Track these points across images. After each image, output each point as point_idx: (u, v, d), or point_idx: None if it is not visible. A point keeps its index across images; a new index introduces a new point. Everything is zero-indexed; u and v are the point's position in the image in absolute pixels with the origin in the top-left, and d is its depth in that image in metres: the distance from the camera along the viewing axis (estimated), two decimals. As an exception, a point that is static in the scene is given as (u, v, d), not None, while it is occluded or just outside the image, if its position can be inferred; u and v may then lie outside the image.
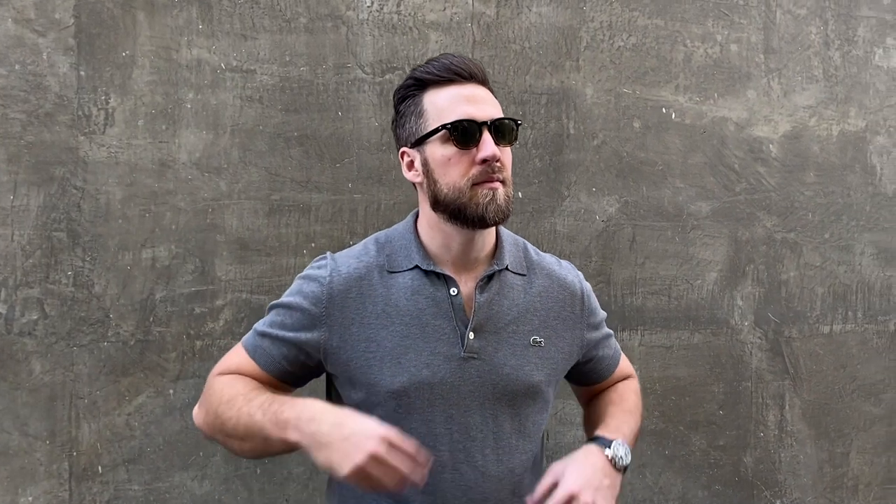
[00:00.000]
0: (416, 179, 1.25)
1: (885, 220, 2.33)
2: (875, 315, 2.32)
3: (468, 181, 1.17)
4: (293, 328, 1.22)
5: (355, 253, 1.27)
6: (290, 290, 1.26)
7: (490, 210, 1.17)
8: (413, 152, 1.24)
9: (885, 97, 2.35)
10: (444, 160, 1.18)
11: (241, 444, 1.14)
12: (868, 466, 2.29)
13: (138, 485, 1.75)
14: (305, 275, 1.25)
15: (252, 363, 1.23)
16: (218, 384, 1.21)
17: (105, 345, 1.74)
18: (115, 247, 1.76)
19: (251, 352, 1.23)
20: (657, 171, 2.14)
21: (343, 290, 1.21)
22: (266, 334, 1.23)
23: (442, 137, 1.18)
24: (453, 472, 1.19)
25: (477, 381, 1.20)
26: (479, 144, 1.17)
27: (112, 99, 1.76)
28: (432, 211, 1.23)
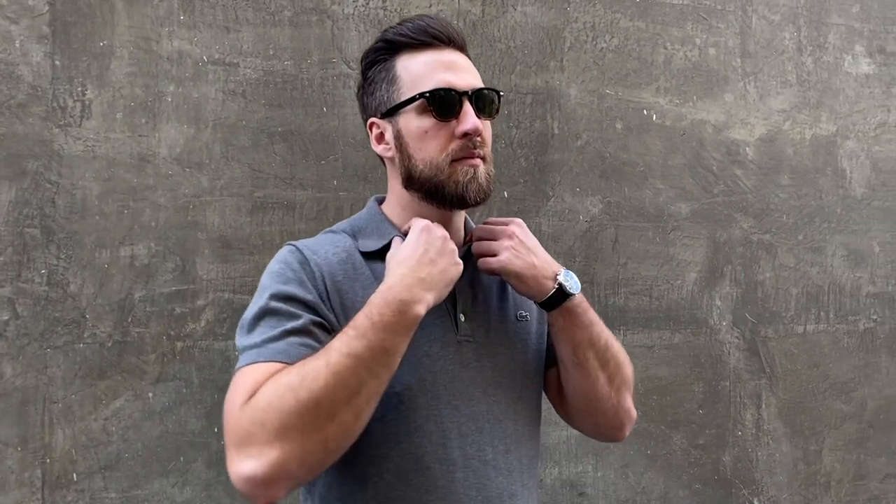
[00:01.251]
0: (386, 154, 1.13)
1: (854, 222, 2.39)
2: (846, 315, 2.37)
3: (447, 157, 1.06)
4: (300, 316, 1.01)
5: (326, 240, 1.12)
6: (267, 288, 1.03)
7: (471, 189, 1.07)
8: (383, 123, 1.12)
9: (854, 103, 2.41)
10: (420, 133, 1.07)
11: (355, 400, 0.91)
12: (840, 463, 2.34)
13: (115, 492, 1.67)
14: (281, 264, 1.06)
15: (283, 367, 0.95)
16: (264, 397, 0.90)
17: (80, 346, 1.67)
18: (92, 244, 1.68)
19: (278, 356, 0.96)
20: (638, 173, 2.16)
21: (330, 274, 1.06)
22: (273, 338, 0.98)
23: (418, 108, 1.07)
24: (465, 469, 1.07)
25: (476, 365, 1.10)
26: (460, 116, 1.06)
27: (89, 90, 1.69)
28: (404, 189, 1.12)
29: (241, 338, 1.01)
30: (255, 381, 0.93)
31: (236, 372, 0.97)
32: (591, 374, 1.13)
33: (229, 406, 0.93)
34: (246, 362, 0.97)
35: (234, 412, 0.92)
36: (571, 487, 2.05)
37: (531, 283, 1.09)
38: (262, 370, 0.95)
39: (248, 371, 0.96)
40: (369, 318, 0.94)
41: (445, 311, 1.09)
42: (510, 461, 1.11)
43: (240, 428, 0.90)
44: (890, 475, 2.40)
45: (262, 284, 1.06)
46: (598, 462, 2.07)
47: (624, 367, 1.19)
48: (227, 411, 0.93)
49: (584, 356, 1.12)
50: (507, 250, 1.09)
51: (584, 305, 1.12)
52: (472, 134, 1.06)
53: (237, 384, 0.95)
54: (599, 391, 1.15)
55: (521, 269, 1.08)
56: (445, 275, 1.01)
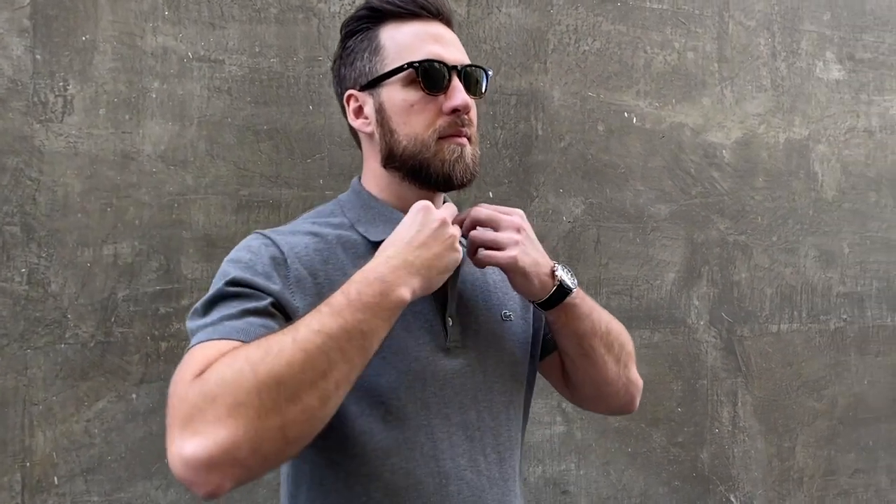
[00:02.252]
0: (365, 129, 1.05)
1: (825, 224, 2.45)
2: (817, 315, 2.43)
3: (433, 133, 1.00)
4: (262, 297, 0.91)
5: (303, 230, 1.02)
6: (224, 275, 0.92)
7: (458, 169, 1.00)
8: (363, 96, 1.04)
9: (825, 108, 2.47)
10: (406, 106, 1.01)
11: (323, 383, 0.81)
12: (812, 459, 2.39)
13: (98, 496, 1.64)
14: (242, 251, 0.96)
15: (235, 345, 0.84)
16: (218, 370, 0.79)
17: (62, 347, 1.63)
18: (74, 242, 1.65)
19: (235, 334, 0.85)
20: (619, 174, 2.18)
21: (301, 269, 0.96)
22: (230, 316, 0.88)
23: (404, 79, 1.01)
24: (458, 482, 1.00)
25: (466, 371, 1.02)
26: (448, 91, 1.00)
27: (71, 85, 1.66)
28: (382, 168, 1.04)
29: (194, 321, 0.91)
30: (207, 358, 0.82)
31: (186, 352, 0.85)
32: (599, 360, 1.10)
33: (176, 382, 0.81)
34: (198, 340, 0.86)
35: (180, 387, 0.79)
36: (555, 486, 2.06)
37: (534, 280, 1.02)
38: (217, 347, 0.83)
39: (200, 348, 0.84)
40: (346, 295, 0.85)
41: (433, 313, 1.02)
42: (504, 470, 1.06)
43: (186, 403, 0.77)
44: (859, 470, 2.46)
45: (220, 271, 0.96)
46: (580, 460, 2.09)
47: (627, 343, 1.16)
48: (173, 387, 0.81)
49: (589, 346, 1.09)
50: (518, 245, 1.01)
51: (581, 295, 1.08)
52: (461, 110, 1.00)
53: (186, 361, 0.83)
54: (609, 375, 1.12)
55: (528, 267, 1.01)
56: (439, 261, 0.93)
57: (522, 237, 1.02)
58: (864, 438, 2.47)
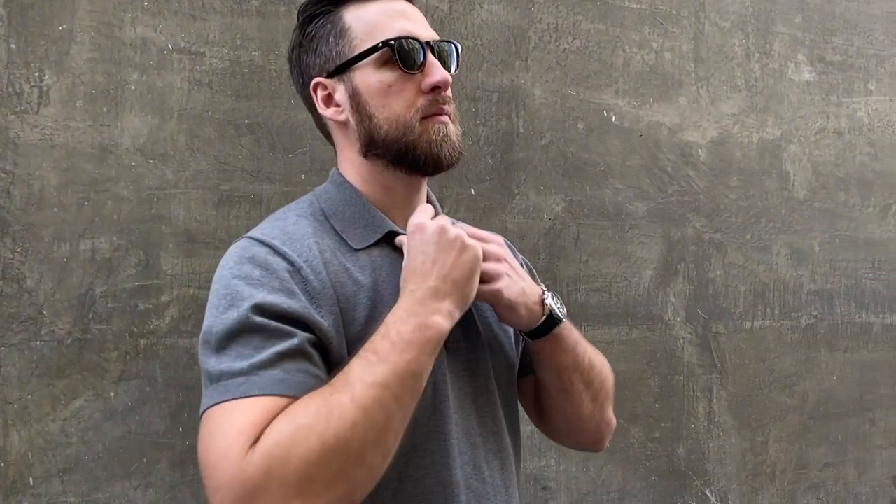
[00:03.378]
0: (337, 117, 0.99)
1: (797, 223, 2.50)
2: (789, 312, 2.48)
3: (416, 113, 0.95)
4: (293, 334, 0.84)
5: (299, 233, 0.94)
6: (244, 298, 0.85)
7: (445, 148, 0.96)
8: (332, 83, 0.98)
9: (797, 108, 2.52)
10: (383, 88, 0.95)
11: (385, 437, 0.79)
12: (784, 454, 2.44)
13: (74, 497, 1.60)
14: (252, 265, 0.88)
15: (284, 402, 0.79)
16: (280, 442, 0.75)
17: (38, 344, 1.59)
18: (50, 237, 1.61)
19: (276, 387, 0.80)
20: (599, 172, 2.20)
21: (321, 279, 0.91)
22: (264, 364, 0.81)
23: (378, 60, 0.95)
24: (467, 491, 0.95)
25: (466, 374, 0.99)
26: (426, 68, 0.95)
27: (47, 76, 1.62)
28: (362, 157, 0.99)
29: (211, 357, 0.84)
30: (255, 423, 0.76)
31: (215, 406, 0.79)
32: (576, 397, 1.06)
33: (221, 452, 0.75)
34: (232, 395, 0.79)
35: (232, 460, 0.74)
36: (535, 482, 2.07)
37: (521, 311, 0.97)
38: (263, 407, 0.78)
39: (239, 408, 0.78)
40: (387, 338, 0.82)
41: None
42: (507, 477, 1.02)
43: (245, 481, 0.73)
44: (828, 464, 2.52)
45: (230, 289, 0.86)
46: (560, 456, 2.10)
47: (607, 381, 1.12)
48: (220, 458, 0.75)
49: (569, 380, 1.05)
50: (502, 277, 0.95)
51: (569, 326, 1.04)
52: (441, 87, 0.96)
53: (227, 424, 0.77)
54: (583, 412, 1.09)
55: (514, 298, 0.96)
56: (460, 270, 0.89)
57: (506, 268, 0.97)
58: (834, 433, 2.53)
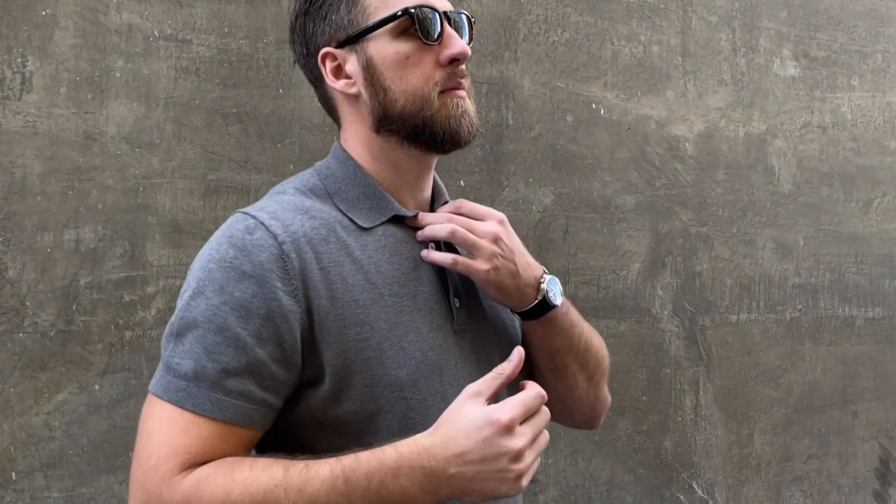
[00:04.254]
0: (348, 90, 0.94)
1: (782, 217, 2.52)
2: (774, 305, 2.49)
3: (435, 86, 0.91)
4: (257, 336, 0.84)
5: (293, 206, 0.91)
6: (208, 284, 0.85)
7: (464, 124, 0.92)
8: (343, 53, 0.94)
9: (782, 103, 2.54)
10: (400, 59, 0.91)
11: None
12: (769, 446, 2.46)
13: (58, 491, 1.57)
14: (229, 269, 0.85)
15: (218, 427, 0.82)
16: (205, 492, 0.80)
17: (20, 336, 1.55)
18: (33, 226, 1.57)
19: (210, 408, 0.82)
20: (587, 165, 2.20)
21: (305, 258, 0.87)
22: (206, 376, 0.82)
23: (395, 29, 0.91)
24: None
25: (472, 357, 0.97)
26: (444, 39, 0.92)
27: (30, 62, 1.58)
28: (374, 133, 0.95)
29: (171, 339, 0.87)
30: (187, 448, 0.81)
31: (157, 400, 0.84)
32: (570, 378, 1.05)
33: (151, 463, 0.81)
34: (171, 399, 0.83)
35: (157, 479, 0.81)
36: (524, 475, 2.07)
37: (511, 293, 0.96)
38: (194, 428, 0.82)
39: (175, 419, 0.82)
40: (373, 486, 0.79)
41: (438, 294, 0.96)
42: None
43: (160, 500, 0.80)
44: (812, 456, 2.54)
45: (203, 272, 0.86)
46: (549, 449, 2.09)
47: (603, 361, 1.09)
48: (148, 468, 0.81)
49: (562, 362, 1.03)
50: (491, 259, 0.93)
51: (567, 308, 1.01)
52: (460, 60, 0.93)
53: (163, 434, 0.82)
54: (577, 393, 1.07)
55: (502, 280, 0.94)
56: (481, 491, 0.81)
57: (499, 249, 0.94)
58: (818, 425, 2.55)
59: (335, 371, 0.87)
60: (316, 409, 0.89)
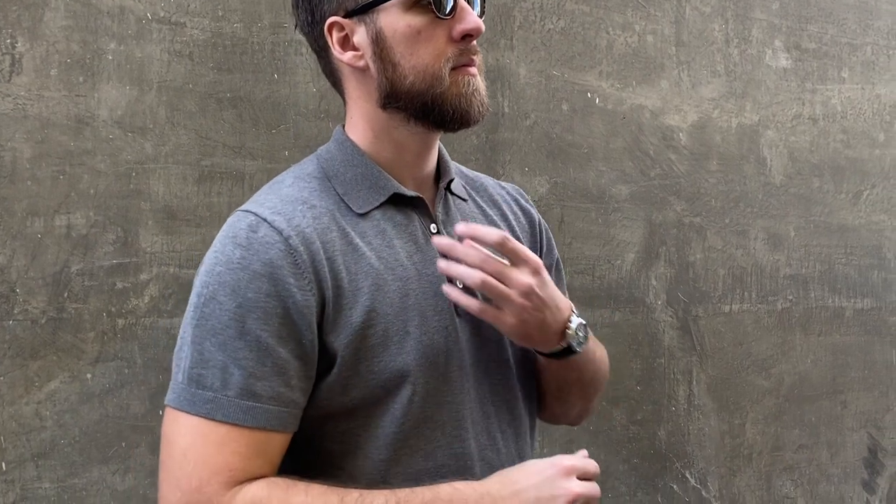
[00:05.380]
0: (356, 63, 0.91)
1: (773, 208, 2.52)
2: (766, 296, 2.50)
3: (446, 63, 0.88)
4: (278, 336, 0.82)
5: (292, 198, 0.89)
6: (219, 289, 0.83)
7: (475, 103, 0.90)
8: (352, 24, 0.90)
9: (774, 94, 2.55)
10: (412, 34, 0.88)
11: None
12: (760, 436, 2.47)
13: (50, 482, 1.54)
14: (237, 250, 0.83)
15: (254, 435, 0.81)
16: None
17: (10, 323, 1.52)
18: (23, 212, 1.54)
19: (242, 416, 0.81)
20: (583, 154, 2.19)
21: (312, 250, 0.86)
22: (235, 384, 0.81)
23: (405, 3, 0.88)
24: (481, 463, 0.93)
25: (477, 340, 0.95)
26: (458, 13, 0.88)
27: (20, 43, 1.54)
28: (379, 109, 0.92)
29: (187, 344, 0.84)
30: (229, 466, 0.80)
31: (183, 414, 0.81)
32: (569, 403, 1.07)
33: (193, 485, 0.79)
34: (199, 412, 0.80)
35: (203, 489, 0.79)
36: (520, 465, 2.06)
37: (535, 340, 0.94)
38: (221, 439, 0.80)
39: (207, 434, 0.80)
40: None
41: (441, 278, 0.93)
42: (521, 447, 1.00)
43: None
44: (803, 446, 2.55)
45: (212, 276, 0.83)
46: (545, 439, 2.09)
47: (603, 383, 1.10)
48: (185, 490, 0.79)
49: (567, 391, 1.04)
50: (520, 313, 0.89)
51: (584, 347, 0.98)
52: (474, 35, 0.89)
53: (197, 453, 0.80)
54: (571, 410, 1.10)
55: (528, 331, 0.91)
56: None
57: (529, 303, 0.89)
58: (808, 415, 2.56)
59: (343, 360, 0.86)
60: (322, 398, 0.88)
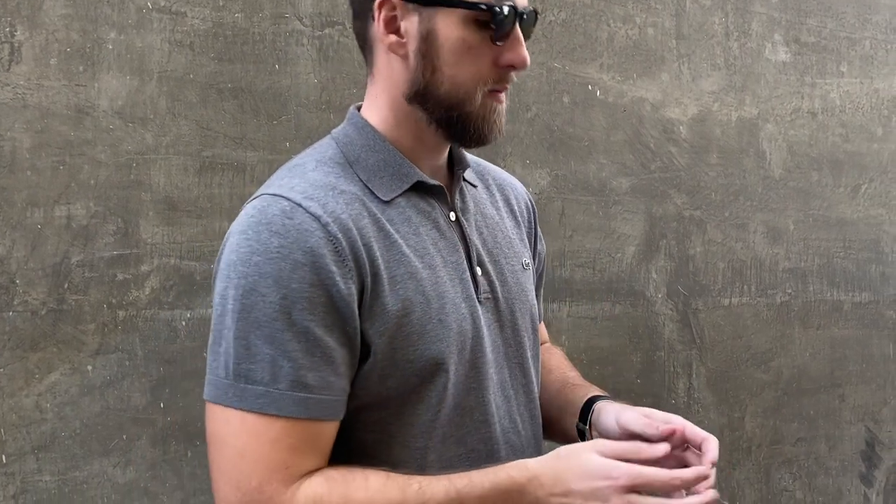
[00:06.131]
0: (397, 50, 0.88)
1: (773, 201, 2.53)
2: (765, 289, 2.50)
3: (484, 85, 0.87)
4: (324, 325, 0.81)
5: (321, 183, 0.86)
6: (259, 280, 0.80)
7: (495, 129, 0.90)
8: (407, 9, 0.86)
9: (773, 88, 2.55)
10: (462, 47, 0.85)
11: None
12: (759, 429, 2.47)
13: (50, 475, 1.52)
14: (274, 238, 0.81)
15: (308, 427, 0.81)
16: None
17: (10, 315, 1.50)
18: (23, 202, 1.52)
19: (296, 409, 0.80)
20: (583, 147, 2.18)
21: (350, 237, 0.84)
22: (296, 375, 0.79)
23: (468, 16, 0.85)
24: (506, 446, 0.95)
25: (496, 326, 0.96)
26: (510, 42, 0.87)
27: (19, 31, 1.53)
28: (404, 100, 0.90)
29: (219, 349, 0.82)
30: (285, 463, 0.79)
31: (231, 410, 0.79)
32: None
33: (245, 481, 0.78)
34: (251, 407, 0.79)
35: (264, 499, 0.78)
36: (521, 457, 2.06)
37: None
38: (276, 435, 0.79)
39: (256, 426, 0.79)
40: (482, 500, 0.82)
41: (463, 263, 0.93)
42: (536, 430, 1.02)
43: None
44: (801, 439, 2.56)
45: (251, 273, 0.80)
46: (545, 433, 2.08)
47: None
48: (244, 490, 0.78)
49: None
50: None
51: None
52: (520, 68, 0.89)
53: (244, 444, 0.78)
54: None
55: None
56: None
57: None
58: (806, 408, 2.57)
59: (379, 349, 0.86)
60: (359, 387, 0.87)
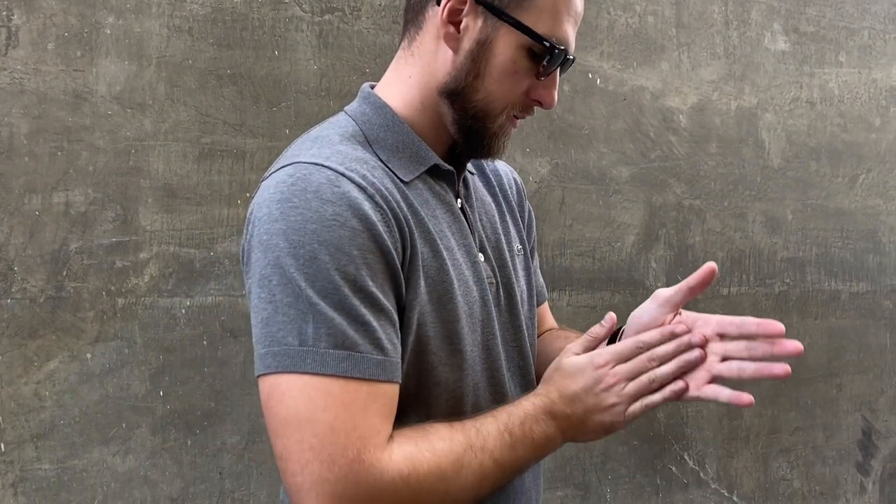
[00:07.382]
0: (448, 41, 0.88)
1: (771, 191, 2.52)
2: (764, 279, 2.50)
3: (510, 110, 0.90)
4: (383, 290, 0.81)
5: (351, 156, 0.85)
6: (319, 248, 0.78)
7: (502, 149, 0.94)
8: (475, 9, 0.87)
9: (773, 77, 2.54)
10: (510, 69, 0.87)
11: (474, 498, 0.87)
12: (757, 419, 2.47)
13: (49, 463, 1.51)
14: (327, 206, 0.78)
15: (389, 390, 0.81)
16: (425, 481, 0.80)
17: (9, 302, 1.49)
18: (21, 188, 1.51)
19: (378, 371, 0.79)
20: (584, 135, 2.18)
21: (392, 207, 0.84)
22: (373, 339, 0.79)
23: (528, 43, 0.87)
24: None
25: (497, 309, 0.97)
26: (548, 80, 0.91)
27: (16, 16, 1.51)
28: (435, 91, 0.90)
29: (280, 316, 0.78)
30: (373, 428, 0.78)
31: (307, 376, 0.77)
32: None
33: (342, 452, 0.76)
34: (332, 369, 0.77)
35: (363, 472, 0.77)
36: (521, 446, 2.05)
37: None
38: (364, 401, 0.78)
39: (341, 393, 0.77)
40: (524, 428, 0.86)
41: (473, 249, 0.94)
42: None
43: (373, 486, 0.77)
44: (798, 428, 2.56)
45: (309, 242, 0.78)
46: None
47: None
48: (342, 462, 0.76)
49: None
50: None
51: None
52: (546, 107, 0.93)
53: (334, 415, 0.76)
54: None
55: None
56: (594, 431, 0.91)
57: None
58: (804, 397, 2.57)
59: (407, 325, 0.85)
60: None
